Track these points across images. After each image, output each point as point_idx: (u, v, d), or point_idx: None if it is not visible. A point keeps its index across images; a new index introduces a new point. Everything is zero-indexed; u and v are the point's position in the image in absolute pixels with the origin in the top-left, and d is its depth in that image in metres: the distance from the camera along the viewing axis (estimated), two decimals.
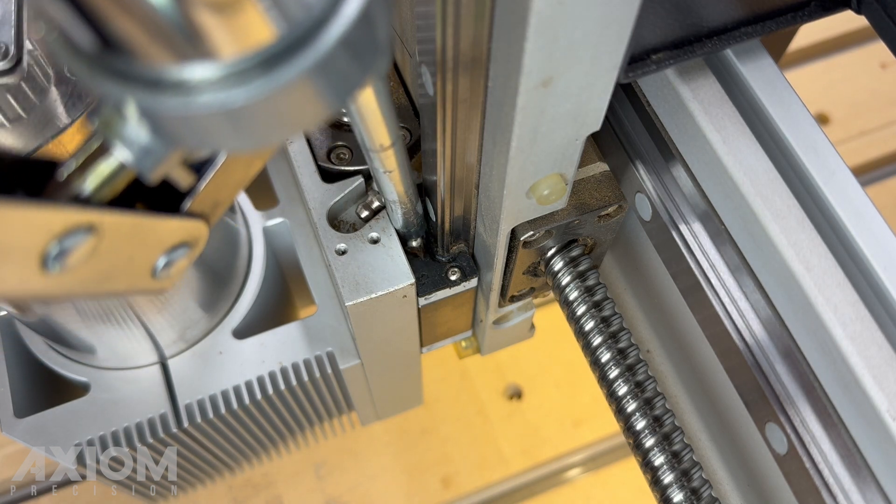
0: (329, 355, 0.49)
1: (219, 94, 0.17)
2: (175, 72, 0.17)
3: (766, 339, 0.35)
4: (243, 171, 0.28)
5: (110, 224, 0.24)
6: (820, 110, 0.96)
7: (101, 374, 0.48)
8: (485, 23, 0.27)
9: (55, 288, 0.23)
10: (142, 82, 0.17)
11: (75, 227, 0.22)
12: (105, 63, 0.18)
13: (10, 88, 0.32)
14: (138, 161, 0.22)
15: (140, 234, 0.25)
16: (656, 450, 0.38)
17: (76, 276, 0.24)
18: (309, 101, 0.18)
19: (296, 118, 0.19)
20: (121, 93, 0.18)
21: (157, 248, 0.27)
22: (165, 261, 0.27)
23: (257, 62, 0.17)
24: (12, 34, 0.33)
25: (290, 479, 0.78)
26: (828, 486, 0.33)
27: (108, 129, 0.21)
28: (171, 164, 0.22)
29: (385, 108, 0.31)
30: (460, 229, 0.43)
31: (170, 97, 0.17)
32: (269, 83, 0.17)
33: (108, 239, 0.24)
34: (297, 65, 0.17)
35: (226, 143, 0.19)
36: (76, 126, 0.33)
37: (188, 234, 0.27)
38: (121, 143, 0.21)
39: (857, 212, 0.32)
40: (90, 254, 0.23)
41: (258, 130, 0.19)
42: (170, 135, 0.19)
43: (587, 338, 0.41)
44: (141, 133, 0.21)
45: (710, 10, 0.32)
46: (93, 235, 0.23)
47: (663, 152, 0.39)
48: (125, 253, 0.25)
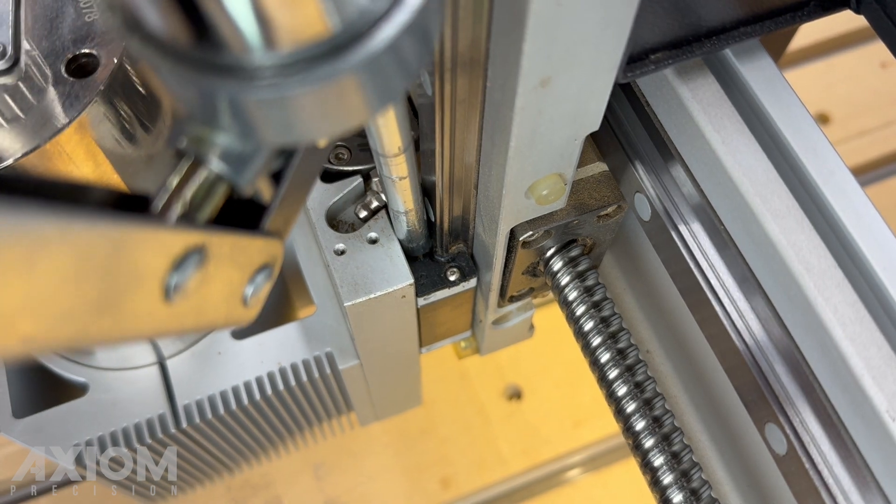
0: (328, 356, 0.49)
1: (307, 75, 0.18)
2: (267, 57, 0.18)
3: (766, 340, 0.35)
4: (305, 183, 0.28)
5: (216, 244, 0.23)
6: (820, 110, 0.96)
7: (100, 374, 0.48)
8: (483, 23, 0.27)
9: (174, 320, 0.23)
10: (234, 73, 0.18)
11: (191, 248, 0.22)
12: (197, 58, 0.18)
13: (7, 89, 0.32)
14: (234, 169, 0.22)
15: (237, 255, 0.25)
16: (656, 450, 0.38)
17: (189, 306, 0.23)
18: (376, 86, 0.19)
19: (370, 103, 0.20)
20: (214, 85, 0.18)
21: (247, 270, 0.26)
22: (252, 288, 0.27)
23: (327, 49, 0.18)
24: (10, 34, 0.33)
25: (289, 480, 0.78)
26: (827, 487, 0.33)
27: (201, 144, 0.21)
28: (261, 171, 0.23)
29: (400, 111, 0.31)
30: (459, 229, 0.43)
31: (263, 83, 0.18)
32: (331, 70, 0.18)
33: (213, 262, 0.23)
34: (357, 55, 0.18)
35: (308, 130, 0.20)
36: (74, 126, 0.33)
37: (269, 255, 0.27)
38: (214, 156, 0.21)
39: (857, 212, 0.32)
40: (202, 281, 0.23)
41: (335, 115, 0.19)
42: (260, 134, 0.20)
43: (587, 338, 0.41)
44: (234, 140, 0.21)
45: (708, 10, 0.32)
46: (204, 258, 0.23)
47: (662, 152, 0.39)
48: (226, 277, 0.25)
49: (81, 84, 0.34)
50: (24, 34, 0.34)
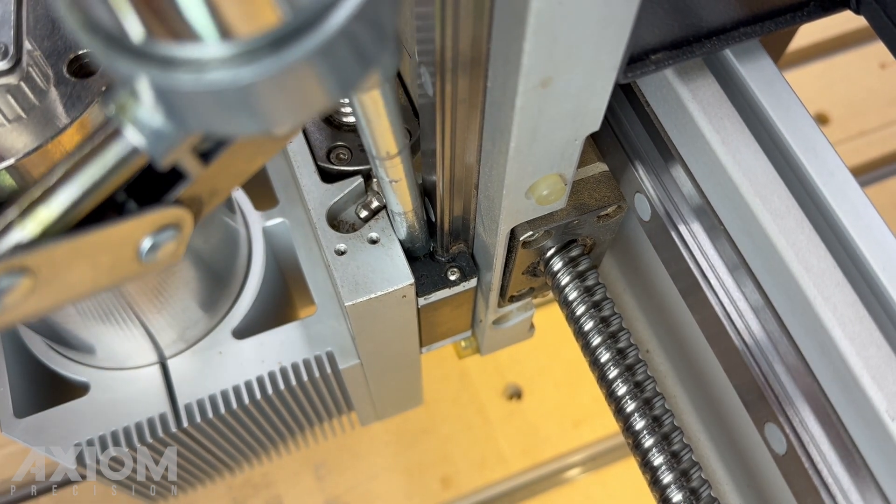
0: (329, 355, 0.49)
1: (229, 71, 0.18)
2: (188, 50, 0.18)
3: (766, 340, 0.35)
4: (246, 163, 0.28)
5: (45, 259, 0.24)
6: (819, 110, 0.96)
7: (101, 374, 0.48)
8: (484, 23, 0.27)
9: (13, 314, 0.24)
10: (156, 60, 0.18)
11: (3, 274, 0.23)
12: (122, 41, 0.18)
13: (9, 89, 0.32)
14: (151, 145, 0.22)
15: (91, 249, 0.26)
16: (655, 450, 0.38)
17: (28, 305, 0.25)
18: (313, 86, 0.19)
19: (299, 103, 0.20)
20: (135, 70, 0.18)
21: (127, 244, 0.27)
22: (151, 243, 0.27)
23: (265, 43, 0.18)
24: (11, 34, 0.33)
25: (289, 479, 0.78)
26: (827, 487, 0.33)
27: (123, 112, 0.21)
28: (182, 151, 0.23)
29: (392, 114, 0.31)
30: (460, 229, 0.43)
31: (183, 73, 0.18)
32: (275, 63, 0.18)
33: (47, 269, 0.24)
34: (302, 47, 0.18)
35: (233, 125, 0.20)
36: (76, 126, 0.33)
37: (170, 220, 0.27)
38: (134, 127, 0.22)
39: (856, 212, 0.32)
40: (31, 289, 0.24)
41: (264, 112, 0.19)
42: (182, 117, 0.20)
43: (587, 338, 0.41)
44: (155, 117, 0.21)
45: (709, 11, 0.32)
46: (26, 275, 0.24)
47: (662, 152, 0.39)
48: (82, 266, 0.26)
49: (83, 84, 0.34)
50: (26, 34, 0.34)
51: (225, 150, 0.26)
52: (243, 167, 0.28)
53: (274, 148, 0.30)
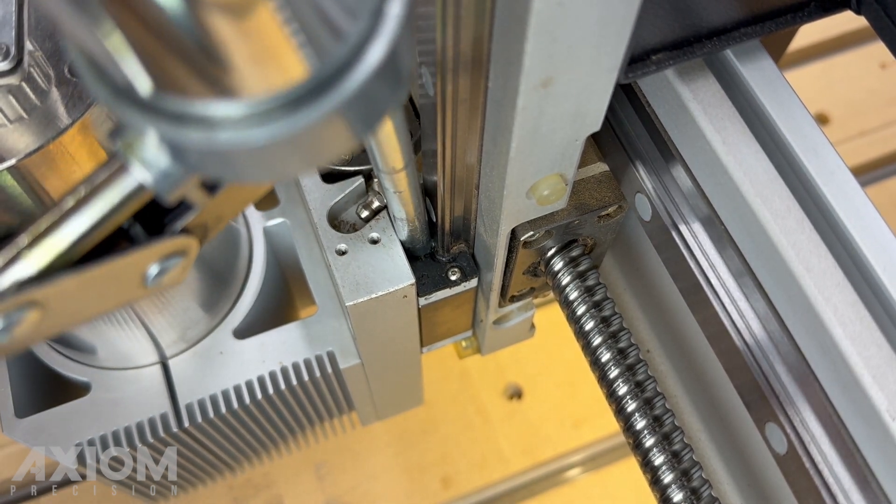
0: (329, 355, 0.49)
1: (240, 133, 0.17)
2: (199, 108, 0.17)
3: (766, 339, 0.35)
4: (252, 192, 0.28)
5: (53, 294, 0.24)
6: (820, 110, 0.96)
7: (102, 373, 0.48)
8: (485, 23, 0.27)
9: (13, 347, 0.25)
10: (166, 115, 0.18)
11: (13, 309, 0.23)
12: (130, 94, 0.18)
13: (10, 89, 0.32)
14: (157, 183, 0.22)
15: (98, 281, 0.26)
16: (656, 450, 0.38)
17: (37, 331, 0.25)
18: (330, 138, 0.19)
19: (316, 154, 0.19)
20: (144, 124, 0.18)
21: (134, 272, 0.27)
22: (158, 269, 0.27)
23: (281, 104, 0.17)
24: (13, 35, 0.33)
25: (290, 479, 0.78)
26: (827, 486, 0.33)
27: (130, 151, 0.21)
28: (188, 187, 0.23)
29: (401, 133, 0.31)
30: (460, 229, 0.43)
31: (192, 131, 0.17)
32: (291, 124, 0.17)
33: (56, 300, 0.25)
34: (319, 108, 0.17)
35: (243, 175, 0.19)
36: (77, 127, 0.33)
37: (177, 249, 0.27)
38: (140, 166, 0.21)
39: (857, 212, 0.32)
40: (40, 319, 0.24)
41: (277, 166, 0.19)
42: (190, 164, 0.20)
43: (587, 338, 0.41)
44: (161, 158, 0.21)
45: (709, 11, 0.32)
46: (35, 308, 0.24)
47: (663, 152, 0.39)
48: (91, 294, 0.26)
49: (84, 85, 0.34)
50: (28, 35, 0.34)
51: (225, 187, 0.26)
52: (249, 194, 0.28)
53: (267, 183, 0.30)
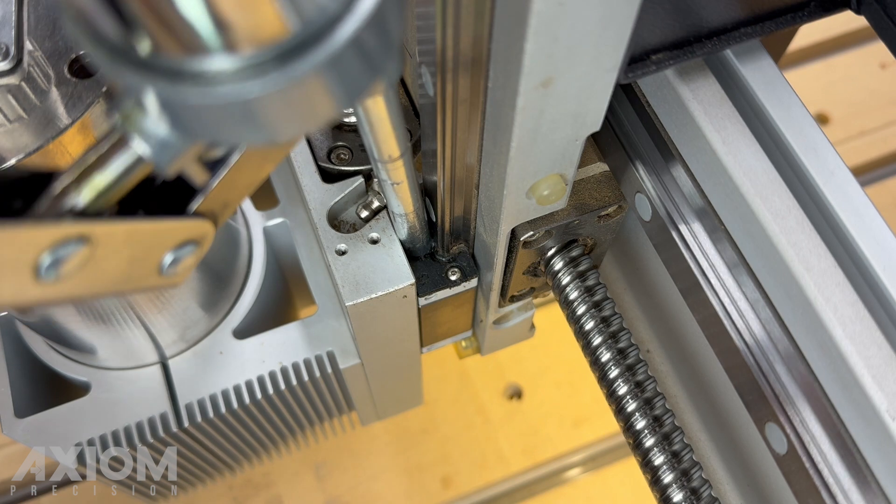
0: (329, 355, 0.49)
1: (236, 86, 0.18)
2: (195, 63, 0.18)
3: (766, 339, 0.35)
4: (254, 173, 0.28)
5: (104, 234, 0.24)
6: (820, 110, 0.96)
7: (102, 374, 0.48)
8: (485, 23, 0.27)
9: (53, 294, 0.24)
10: (163, 73, 0.18)
11: (66, 239, 0.23)
12: (127, 53, 0.18)
13: (10, 89, 0.33)
14: (156, 154, 0.22)
15: (139, 239, 0.26)
16: (656, 450, 0.38)
17: (74, 282, 0.24)
18: (320, 98, 0.19)
19: (306, 114, 0.20)
20: (141, 82, 0.18)
21: (160, 248, 0.27)
22: (172, 258, 0.28)
23: (273, 56, 0.18)
24: (13, 35, 0.33)
25: (290, 479, 0.78)
26: (827, 486, 0.33)
27: (128, 122, 0.21)
28: (187, 160, 0.23)
29: (395, 118, 0.31)
30: (460, 229, 0.43)
31: (189, 87, 0.18)
32: (283, 76, 0.18)
33: (103, 247, 0.24)
34: (310, 60, 0.18)
35: (240, 135, 0.20)
36: (77, 127, 0.33)
37: (193, 234, 0.28)
38: (139, 137, 0.22)
39: (857, 212, 0.32)
40: (85, 261, 0.24)
41: (270, 124, 0.19)
42: (188, 128, 0.20)
43: (587, 338, 0.41)
44: (160, 126, 0.21)
45: (709, 11, 0.32)
46: (87, 245, 0.24)
47: (663, 152, 0.39)
48: (125, 256, 0.26)
49: (84, 84, 0.34)
50: (27, 35, 0.34)
51: (232, 160, 0.26)
52: (252, 177, 0.28)
53: (280, 155, 0.30)
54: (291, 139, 0.24)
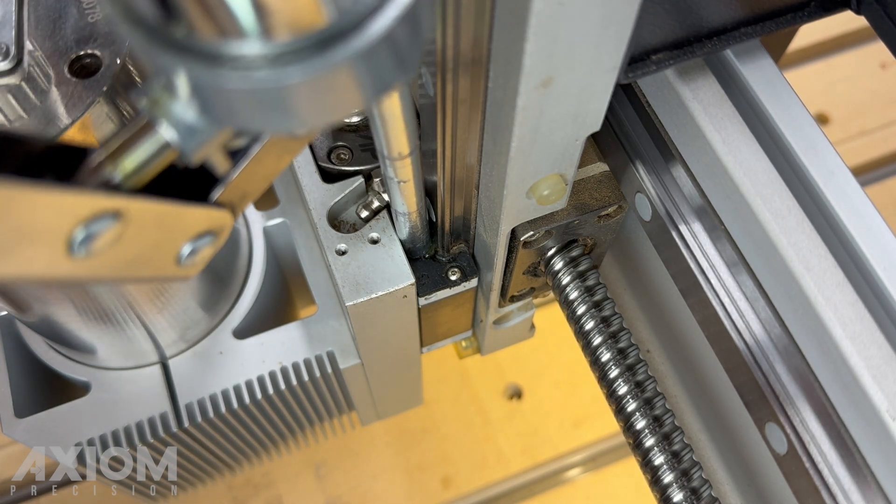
0: (329, 355, 0.49)
1: (274, 71, 0.18)
2: (233, 47, 0.18)
3: (766, 339, 0.35)
4: (274, 164, 0.28)
5: (137, 211, 0.24)
6: (820, 110, 0.96)
7: (102, 373, 0.48)
8: (485, 23, 0.27)
9: (81, 272, 0.24)
10: (199, 55, 0.18)
11: (102, 212, 0.23)
12: (165, 34, 0.18)
13: (10, 89, 0.33)
14: (183, 140, 0.22)
15: (166, 222, 0.26)
16: (656, 449, 0.38)
17: (102, 261, 0.24)
18: (349, 89, 0.19)
19: (334, 105, 0.20)
20: (178, 64, 0.18)
21: (182, 235, 0.27)
22: (191, 248, 0.28)
23: (309, 44, 0.18)
24: (13, 35, 0.33)
25: (290, 479, 0.78)
26: (827, 486, 0.33)
27: (157, 107, 0.21)
28: (213, 147, 0.23)
29: (408, 115, 0.31)
30: (460, 229, 0.43)
31: (227, 71, 0.18)
32: (321, 64, 0.18)
33: (134, 225, 0.24)
34: (345, 50, 0.18)
35: (269, 123, 0.20)
36: (77, 127, 0.33)
37: (213, 223, 0.28)
38: (167, 122, 0.22)
39: (857, 212, 0.32)
40: (116, 239, 0.24)
41: (300, 112, 0.19)
42: (217, 113, 0.20)
43: (587, 338, 0.41)
44: (189, 112, 0.21)
45: (709, 11, 0.32)
46: (119, 221, 0.24)
47: (663, 152, 0.39)
48: (151, 239, 0.26)
49: (84, 84, 0.34)
50: (28, 35, 0.34)
51: (253, 150, 0.26)
52: (272, 168, 0.28)
53: (299, 147, 0.30)
54: (315, 129, 0.24)
